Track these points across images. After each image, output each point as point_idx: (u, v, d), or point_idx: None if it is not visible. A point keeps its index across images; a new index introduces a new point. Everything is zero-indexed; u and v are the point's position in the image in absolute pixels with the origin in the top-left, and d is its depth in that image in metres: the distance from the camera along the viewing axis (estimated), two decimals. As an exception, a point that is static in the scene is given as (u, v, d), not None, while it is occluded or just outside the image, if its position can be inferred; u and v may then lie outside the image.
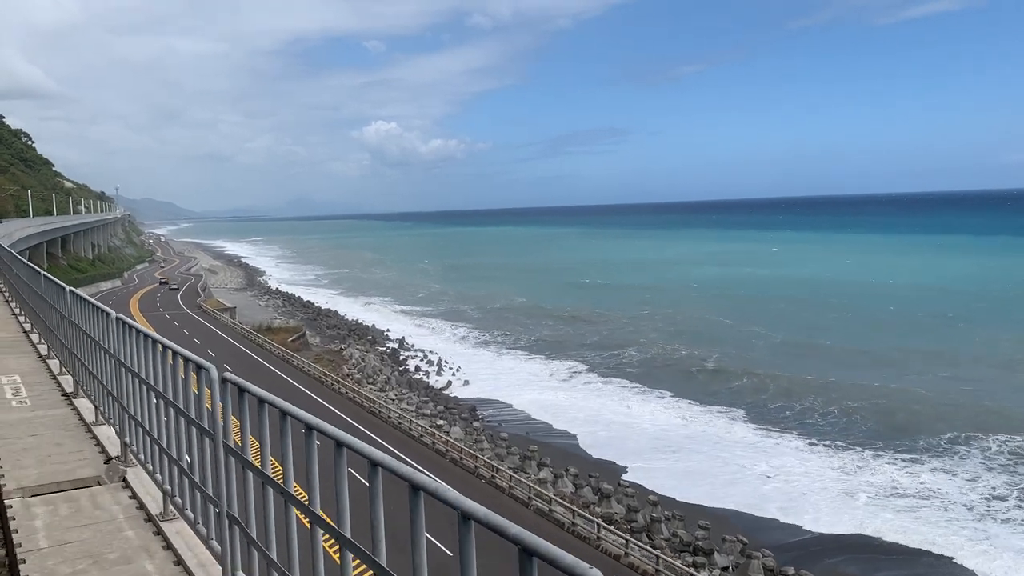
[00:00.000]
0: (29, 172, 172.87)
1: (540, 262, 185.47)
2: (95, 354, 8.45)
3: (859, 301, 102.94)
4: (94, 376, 8.71)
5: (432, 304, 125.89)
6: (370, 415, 49.28)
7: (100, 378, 8.33)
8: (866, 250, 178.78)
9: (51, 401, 10.51)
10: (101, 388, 8.38)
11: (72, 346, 10.07)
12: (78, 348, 9.65)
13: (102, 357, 8.04)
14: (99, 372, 8.35)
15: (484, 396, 68.07)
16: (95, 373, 8.59)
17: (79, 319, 9.24)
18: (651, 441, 54.55)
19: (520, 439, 51.78)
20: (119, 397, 7.35)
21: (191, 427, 5.31)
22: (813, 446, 49.50)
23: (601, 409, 63.07)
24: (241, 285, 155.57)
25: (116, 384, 7.46)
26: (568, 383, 71.98)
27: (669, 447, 52.40)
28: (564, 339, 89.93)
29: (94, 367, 8.63)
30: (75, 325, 9.51)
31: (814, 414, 56.63)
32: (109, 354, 7.63)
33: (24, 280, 15.25)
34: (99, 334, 8.09)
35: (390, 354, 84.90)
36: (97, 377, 8.50)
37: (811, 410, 57.56)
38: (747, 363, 71.92)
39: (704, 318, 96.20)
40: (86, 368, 9.23)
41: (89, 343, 8.73)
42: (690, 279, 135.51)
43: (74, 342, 9.86)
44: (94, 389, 8.90)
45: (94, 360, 8.59)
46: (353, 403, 51.92)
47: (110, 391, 7.82)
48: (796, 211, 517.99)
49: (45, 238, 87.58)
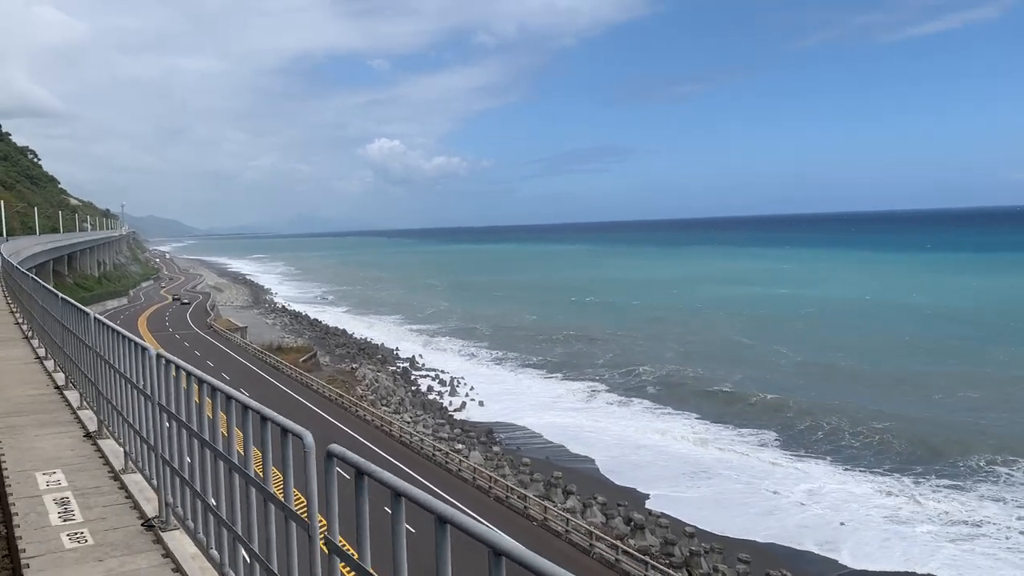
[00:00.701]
0: (35, 189, 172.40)
1: (547, 279, 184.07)
2: (130, 397, 7.27)
3: (877, 320, 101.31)
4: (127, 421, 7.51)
5: (440, 322, 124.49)
6: (388, 438, 47.70)
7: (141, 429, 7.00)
8: (878, 268, 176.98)
9: (123, 532, 6.39)
10: (134, 435, 7.25)
11: (97, 380, 8.83)
12: (105, 385, 8.40)
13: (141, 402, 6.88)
14: (132, 414, 7.23)
15: (499, 418, 66.47)
16: (133, 422, 7.28)
17: (112, 356, 7.95)
18: (674, 466, 52.85)
19: (541, 464, 50.11)
20: (161, 451, 6.19)
21: (270, 505, 4.18)
22: (847, 471, 47.73)
23: (619, 432, 61.41)
24: (247, 303, 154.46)
25: (157, 436, 6.32)
26: (584, 404, 70.38)
27: (694, 472, 50.68)
28: (577, 359, 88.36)
29: (128, 410, 7.42)
30: (113, 368, 8.11)
31: (844, 436, 54.83)
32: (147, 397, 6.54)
33: (49, 311, 13.34)
34: (134, 374, 6.99)
35: (401, 374, 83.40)
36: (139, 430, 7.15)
37: (840, 432, 55.78)
38: (768, 384, 70.27)
39: (720, 337, 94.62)
40: (113, 407, 8.06)
41: (126, 385, 7.44)
42: (702, 297, 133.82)
43: (109, 385, 8.34)
44: (124, 434, 7.71)
45: (127, 402, 7.40)
46: (373, 427, 50.35)
47: (146, 439, 6.73)
48: (802, 228, 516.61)
49: (52, 256, 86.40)
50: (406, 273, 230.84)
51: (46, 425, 9.91)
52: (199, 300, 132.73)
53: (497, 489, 39.87)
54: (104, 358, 8.19)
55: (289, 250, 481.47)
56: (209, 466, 5.05)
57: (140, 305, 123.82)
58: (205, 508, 5.13)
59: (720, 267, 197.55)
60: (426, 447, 46.01)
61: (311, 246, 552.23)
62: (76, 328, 9.96)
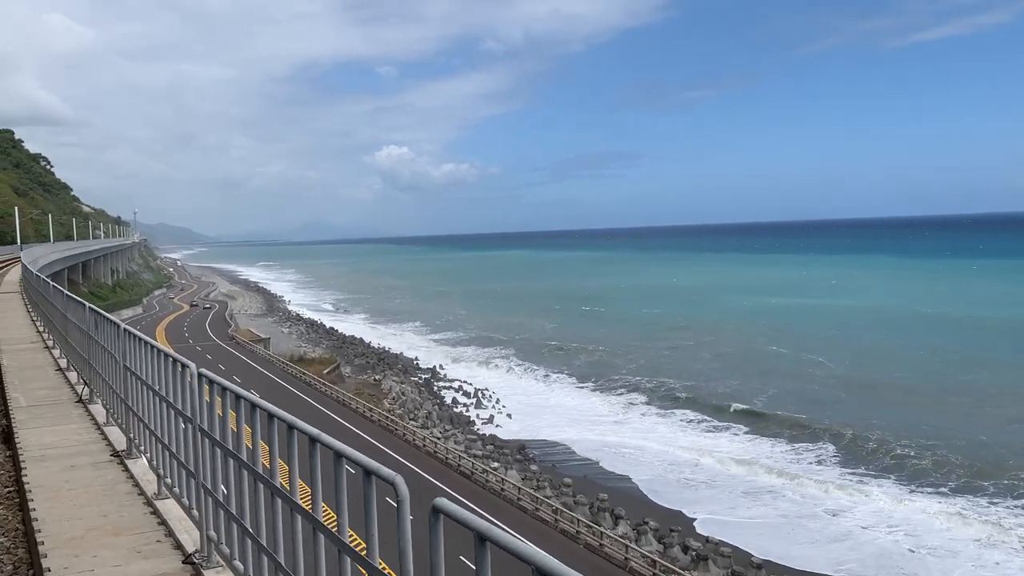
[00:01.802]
0: (48, 197, 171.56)
1: (562, 287, 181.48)
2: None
3: (910, 330, 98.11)
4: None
5: (458, 331, 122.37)
6: (428, 456, 45.42)
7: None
8: (901, 274, 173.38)
9: (162, 567, 5.64)
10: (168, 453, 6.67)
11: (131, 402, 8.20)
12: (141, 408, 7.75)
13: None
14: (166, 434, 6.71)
15: (530, 433, 64.19)
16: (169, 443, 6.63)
17: (145, 371, 7.39)
18: (720, 484, 50.39)
19: (582, 484, 47.73)
20: (203, 479, 5.59)
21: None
22: (910, 490, 44.98)
23: (656, 448, 58.94)
24: (261, 311, 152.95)
25: (198, 463, 5.65)
26: (616, 419, 67.95)
27: (744, 492, 48.18)
28: (602, 370, 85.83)
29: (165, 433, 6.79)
30: (147, 385, 7.42)
31: (897, 452, 51.82)
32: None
33: (77, 323, 12.23)
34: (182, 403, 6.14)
35: (424, 385, 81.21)
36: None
37: (892, 447, 52.86)
38: (809, 397, 67.68)
39: (750, 348, 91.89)
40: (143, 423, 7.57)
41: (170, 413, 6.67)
42: (725, 306, 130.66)
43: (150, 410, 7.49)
44: (158, 456, 7.10)
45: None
46: (408, 444, 48.14)
47: (184, 464, 6.11)
48: (815, 234, 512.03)
49: (67, 264, 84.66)
50: (418, 281, 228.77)
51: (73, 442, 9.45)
52: (215, 309, 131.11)
53: (544, 511, 37.84)
54: (137, 374, 7.71)
55: (298, 257, 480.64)
56: (263, 502, 4.54)
57: (156, 314, 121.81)
58: (259, 550, 4.57)
59: (738, 274, 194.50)
60: (464, 465, 43.85)
61: (320, 253, 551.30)
62: (105, 340, 9.55)
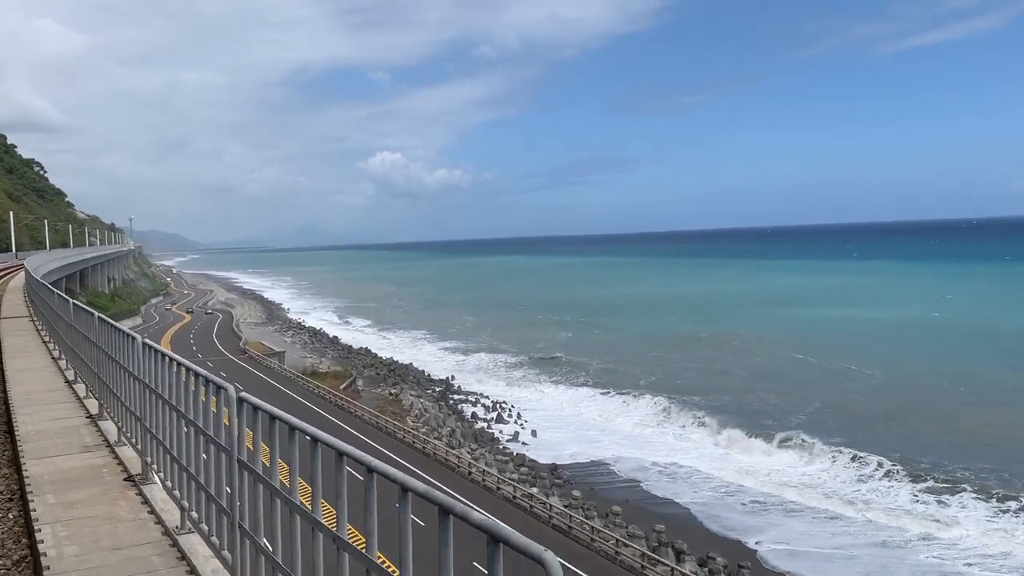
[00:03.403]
0: (42, 203, 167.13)
1: (569, 295, 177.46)
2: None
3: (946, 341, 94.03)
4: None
5: (466, 341, 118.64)
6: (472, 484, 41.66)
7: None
8: (917, 282, 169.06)
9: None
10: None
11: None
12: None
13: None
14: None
15: (560, 451, 60.63)
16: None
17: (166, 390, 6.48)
18: (775, 506, 46.97)
19: (632, 511, 44.17)
20: (240, 519, 4.74)
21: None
22: (1000, 513, 41.47)
23: (698, 466, 55.51)
24: (261, 319, 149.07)
25: (235, 500, 4.78)
26: (651, 435, 64.48)
27: (804, 517, 44.72)
28: (623, 381, 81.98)
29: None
30: (170, 404, 6.39)
31: (971, 468, 48.40)
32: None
33: (87, 334, 11.03)
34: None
35: (439, 398, 77.52)
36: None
37: (962, 462, 49.42)
38: (856, 410, 64.19)
39: (780, 358, 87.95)
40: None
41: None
42: (747, 316, 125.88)
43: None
44: (182, 485, 6.12)
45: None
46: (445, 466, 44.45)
47: (215, 498, 5.21)
48: (812, 239, 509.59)
49: (66, 272, 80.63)
50: (418, 288, 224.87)
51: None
52: (220, 319, 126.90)
53: (601, 542, 34.39)
54: (159, 393, 6.74)
55: (293, 264, 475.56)
56: (321, 552, 3.82)
57: (156, 324, 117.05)
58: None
59: (746, 281, 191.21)
60: (510, 493, 40.25)
61: (314, 260, 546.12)
62: (118, 355, 8.88)
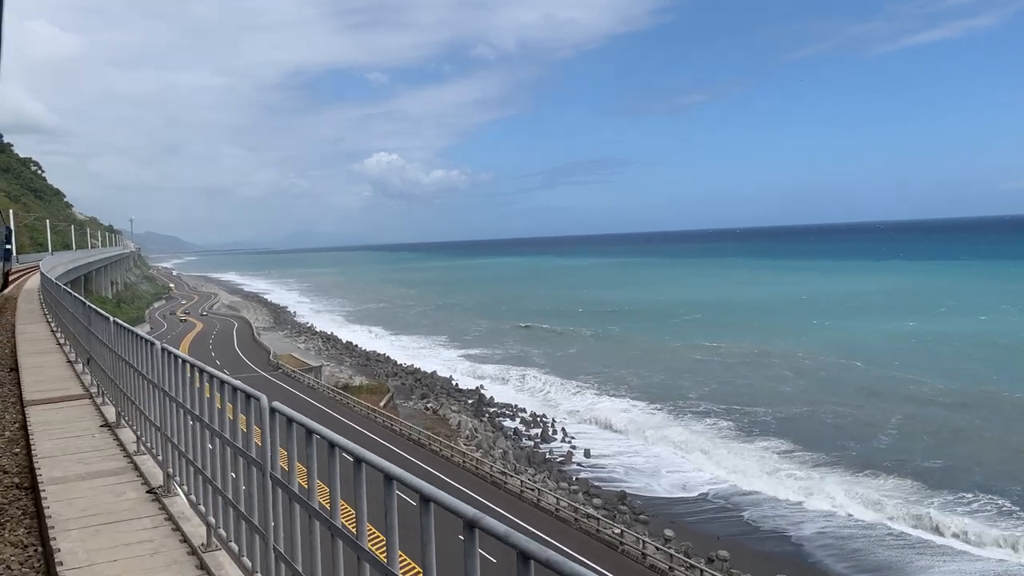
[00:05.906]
0: (40, 203, 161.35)
1: (583, 297, 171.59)
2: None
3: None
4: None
5: (489, 346, 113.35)
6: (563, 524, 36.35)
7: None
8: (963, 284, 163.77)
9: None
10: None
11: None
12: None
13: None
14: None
15: (620, 473, 55.53)
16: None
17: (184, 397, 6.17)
18: (872, 540, 42.09)
19: (740, 553, 38.82)
20: (283, 548, 4.37)
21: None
22: None
23: (777, 493, 50.22)
24: (270, 324, 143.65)
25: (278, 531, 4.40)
26: (717, 456, 58.67)
27: (891, 549, 39.98)
28: (668, 393, 76.48)
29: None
30: (191, 413, 6.04)
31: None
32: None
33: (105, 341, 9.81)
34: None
35: (475, 412, 72.27)
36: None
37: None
38: (938, 428, 59.09)
39: (838, 372, 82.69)
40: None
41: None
42: (783, 323, 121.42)
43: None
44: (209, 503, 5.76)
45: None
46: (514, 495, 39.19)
47: (258, 527, 4.72)
48: (818, 240, 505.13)
49: (73, 276, 75.06)
50: (425, 291, 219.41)
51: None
52: (236, 326, 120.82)
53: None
54: (179, 402, 6.37)
55: (293, 265, 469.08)
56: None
57: (167, 332, 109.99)
58: None
59: (773, 284, 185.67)
60: (615, 537, 35.00)
61: (313, 261, 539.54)
62: (137, 362, 8.04)
